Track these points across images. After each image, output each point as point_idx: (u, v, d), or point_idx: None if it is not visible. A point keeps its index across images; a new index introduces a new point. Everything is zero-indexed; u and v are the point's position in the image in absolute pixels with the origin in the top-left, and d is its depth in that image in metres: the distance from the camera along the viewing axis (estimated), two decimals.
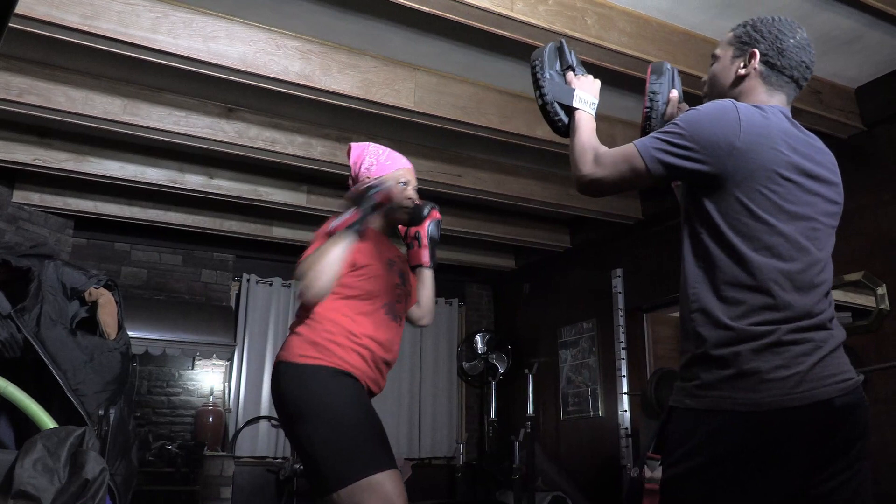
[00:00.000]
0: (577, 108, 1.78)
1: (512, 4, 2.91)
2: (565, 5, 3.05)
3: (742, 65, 1.61)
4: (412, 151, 4.56)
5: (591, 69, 2.00)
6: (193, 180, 4.75)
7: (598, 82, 1.85)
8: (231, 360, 5.90)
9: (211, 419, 5.52)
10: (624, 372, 5.04)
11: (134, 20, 3.07)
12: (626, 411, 4.98)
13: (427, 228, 2.36)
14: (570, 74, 1.85)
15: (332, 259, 1.96)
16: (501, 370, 6.40)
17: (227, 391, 5.97)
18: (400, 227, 2.39)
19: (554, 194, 5.08)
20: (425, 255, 2.36)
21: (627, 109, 4.13)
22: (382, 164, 2.31)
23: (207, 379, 5.86)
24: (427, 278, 2.38)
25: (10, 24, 2.26)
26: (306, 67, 3.44)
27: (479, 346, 6.60)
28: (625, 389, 5.03)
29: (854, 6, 3.13)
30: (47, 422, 1.94)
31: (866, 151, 3.90)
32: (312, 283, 1.94)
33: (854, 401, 1.41)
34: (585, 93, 1.80)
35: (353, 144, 2.40)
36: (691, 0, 3.15)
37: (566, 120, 1.81)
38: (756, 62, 1.58)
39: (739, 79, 1.61)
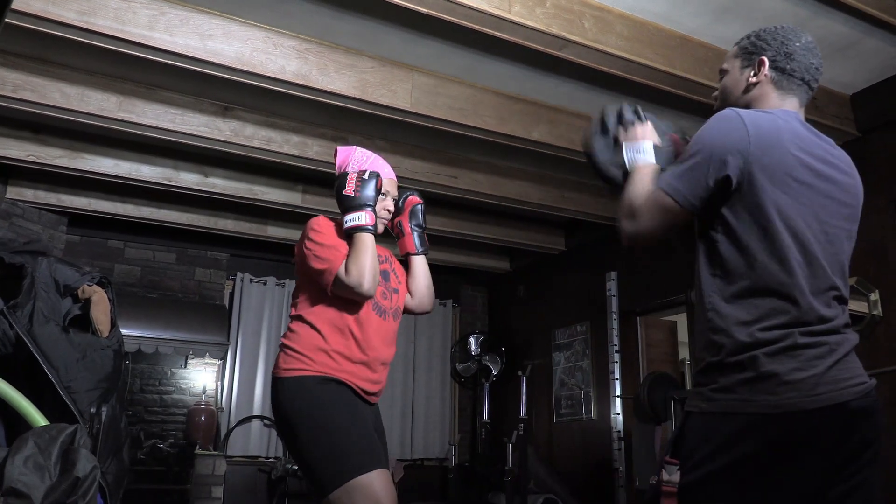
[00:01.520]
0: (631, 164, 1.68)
1: (510, 6, 2.91)
2: (563, 8, 3.05)
3: (752, 73, 1.61)
4: (408, 152, 4.57)
5: (588, 72, 1.98)
6: (188, 178, 4.74)
7: (647, 125, 1.74)
8: (224, 358, 5.88)
9: (203, 418, 5.51)
10: (617, 375, 5.05)
11: (130, 17, 3.06)
12: (618, 414, 4.98)
13: (407, 217, 2.39)
14: (620, 135, 1.75)
15: (372, 261, 2.10)
16: (495, 372, 6.40)
17: (219, 390, 5.95)
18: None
19: (549, 197, 5.08)
20: (410, 243, 2.38)
21: None
22: None
23: (200, 378, 5.84)
24: (417, 265, 2.38)
25: (5, 20, 2.25)
26: (303, 67, 3.43)
27: (473, 347, 6.60)
28: (618, 392, 5.02)
29: (850, 13, 3.14)
30: (39, 419, 1.93)
31: (860, 158, 3.88)
32: (363, 284, 2.06)
33: (868, 405, 1.40)
34: (632, 143, 1.69)
35: (339, 148, 2.41)
36: (689, 4, 3.16)
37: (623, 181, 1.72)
38: (766, 69, 1.59)
39: (750, 86, 1.61)
